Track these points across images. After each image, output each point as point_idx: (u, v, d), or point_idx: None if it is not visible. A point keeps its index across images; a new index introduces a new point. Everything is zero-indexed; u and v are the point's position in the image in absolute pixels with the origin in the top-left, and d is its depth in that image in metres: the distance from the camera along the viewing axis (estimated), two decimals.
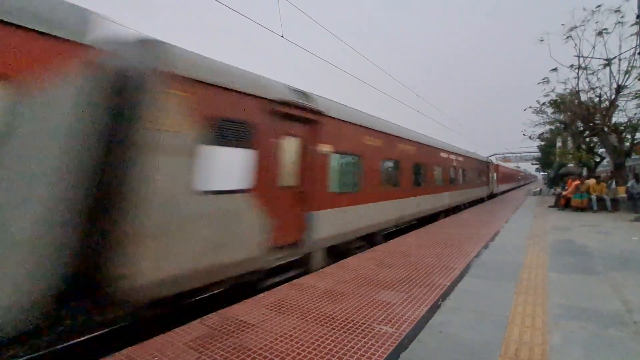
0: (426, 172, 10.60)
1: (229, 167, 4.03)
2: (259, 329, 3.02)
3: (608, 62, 15.06)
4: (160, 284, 3.23)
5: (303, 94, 5.38)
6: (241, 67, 4.48)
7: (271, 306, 3.58)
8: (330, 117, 5.87)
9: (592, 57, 15.52)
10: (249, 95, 4.28)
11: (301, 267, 5.22)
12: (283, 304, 3.63)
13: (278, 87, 4.88)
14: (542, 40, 16.74)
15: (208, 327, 3.10)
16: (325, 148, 5.77)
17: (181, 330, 3.03)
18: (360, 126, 6.88)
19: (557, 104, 18.52)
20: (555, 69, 17.13)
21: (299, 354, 2.59)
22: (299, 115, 5.14)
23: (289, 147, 5.08)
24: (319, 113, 5.54)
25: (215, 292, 4.45)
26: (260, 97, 4.44)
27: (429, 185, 10.81)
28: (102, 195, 3.14)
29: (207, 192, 3.68)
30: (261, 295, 3.95)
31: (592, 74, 15.83)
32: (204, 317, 3.33)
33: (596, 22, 14.95)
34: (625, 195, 13.21)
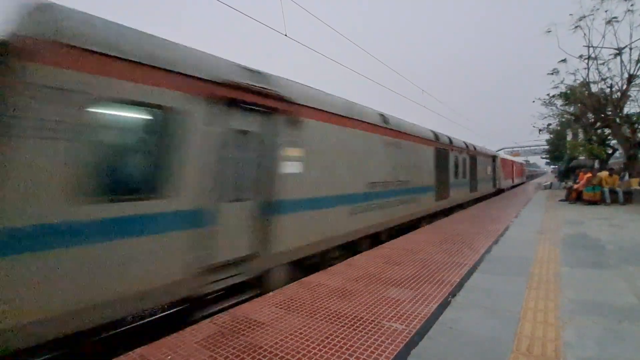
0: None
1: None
2: (270, 327, 3.04)
3: (619, 52, 14.71)
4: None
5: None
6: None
7: (280, 304, 3.60)
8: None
9: (602, 47, 15.19)
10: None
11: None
12: (292, 302, 3.65)
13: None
14: (549, 32, 16.44)
15: (219, 326, 3.13)
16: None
17: (192, 330, 3.07)
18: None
19: (567, 96, 18.17)
20: (564, 60, 16.81)
21: (309, 351, 2.60)
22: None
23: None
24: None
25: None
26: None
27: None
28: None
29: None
30: (270, 294, 3.97)
31: (603, 64, 15.48)
32: (214, 316, 3.37)
33: (605, 11, 14.61)
34: (638, 187, 12.92)
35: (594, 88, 16.44)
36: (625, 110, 15.72)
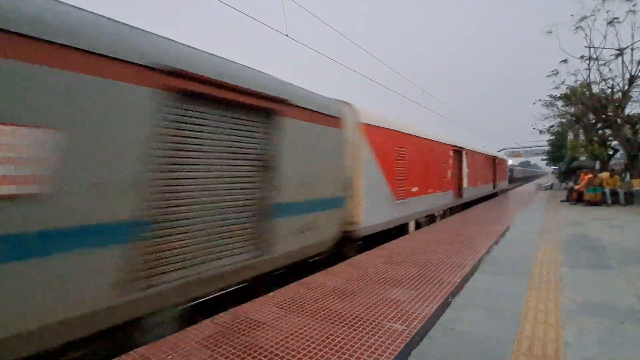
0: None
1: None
2: (270, 327, 3.05)
3: (620, 52, 14.70)
4: None
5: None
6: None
7: (281, 304, 3.60)
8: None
9: (603, 48, 15.19)
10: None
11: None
12: (293, 302, 3.65)
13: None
14: (550, 32, 16.44)
15: (219, 325, 3.13)
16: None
17: (193, 329, 3.07)
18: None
19: (568, 97, 18.17)
20: (565, 61, 16.82)
21: (309, 351, 2.61)
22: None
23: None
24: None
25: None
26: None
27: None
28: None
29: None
30: (271, 294, 3.98)
31: (604, 64, 15.49)
32: (215, 316, 3.37)
33: (607, 12, 14.62)
34: (639, 189, 12.91)
35: (595, 89, 16.45)
36: (627, 111, 15.74)
